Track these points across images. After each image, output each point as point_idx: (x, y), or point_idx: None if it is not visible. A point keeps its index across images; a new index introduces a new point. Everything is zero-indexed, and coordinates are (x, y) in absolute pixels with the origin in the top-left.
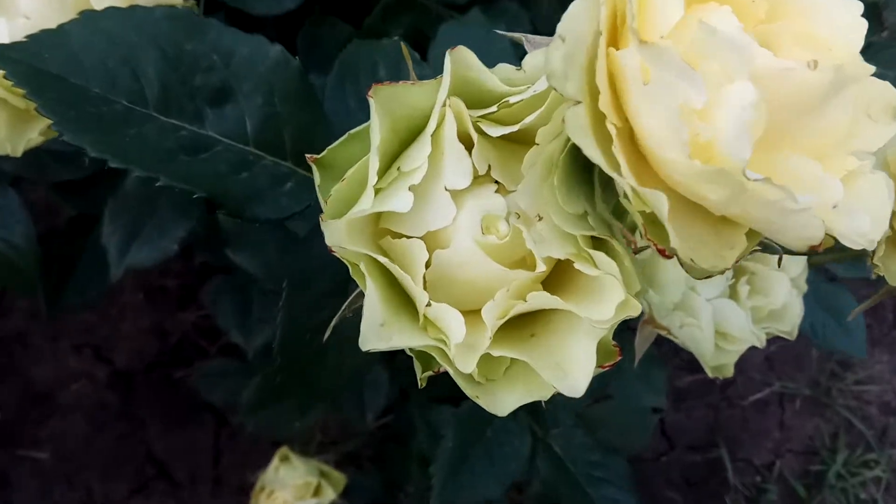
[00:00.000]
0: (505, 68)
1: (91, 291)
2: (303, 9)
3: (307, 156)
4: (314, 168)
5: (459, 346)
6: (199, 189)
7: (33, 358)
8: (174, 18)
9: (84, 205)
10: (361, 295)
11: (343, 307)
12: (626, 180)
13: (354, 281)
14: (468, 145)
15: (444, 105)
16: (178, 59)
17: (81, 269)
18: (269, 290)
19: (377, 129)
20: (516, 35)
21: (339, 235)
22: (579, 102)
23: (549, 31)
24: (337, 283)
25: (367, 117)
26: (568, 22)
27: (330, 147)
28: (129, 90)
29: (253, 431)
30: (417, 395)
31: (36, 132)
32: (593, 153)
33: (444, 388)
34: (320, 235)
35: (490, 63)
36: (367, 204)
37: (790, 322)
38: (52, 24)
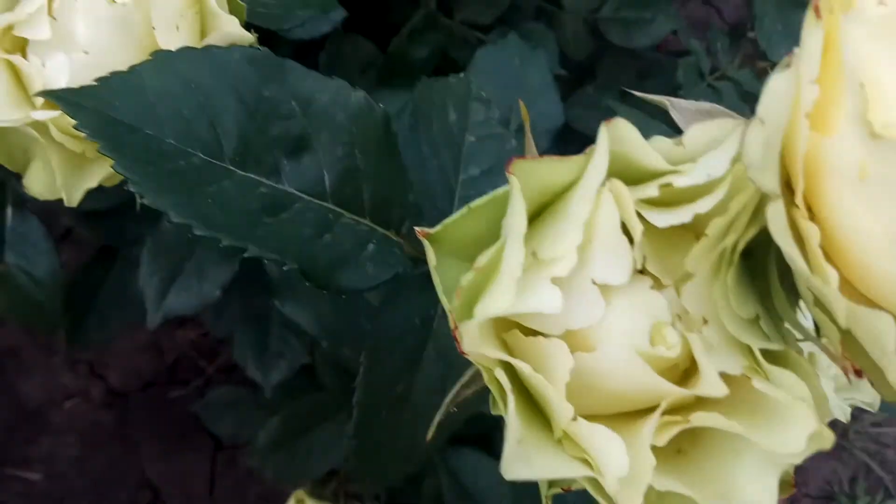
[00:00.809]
0: (661, 142)
1: (112, 326)
2: None
3: (417, 230)
4: (428, 246)
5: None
6: (289, 258)
7: (26, 374)
8: (253, 61)
9: (109, 236)
10: (466, 387)
11: (447, 400)
12: (834, 293)
13: (427, 353)
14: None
15: (601, 187)
16: (255, 106)
17: (102, 303)
18: (287, 323)
19: (520, 213)
20: (658, 98)
21: (477, 340)
22: (778, 196)
23: (574, 53)
24: (411, 356)
25: (441, 164)
26: (770, 102)
27: (446, 222)
28: (205, 141)
29: (272, 475)
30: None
31: (96, 180)
32: (796, 258)
33: (465, 427)
34: (396, 304)
35: (529, 91)
36: (505, 302)
37: (871, 392)
38: (113, 59)
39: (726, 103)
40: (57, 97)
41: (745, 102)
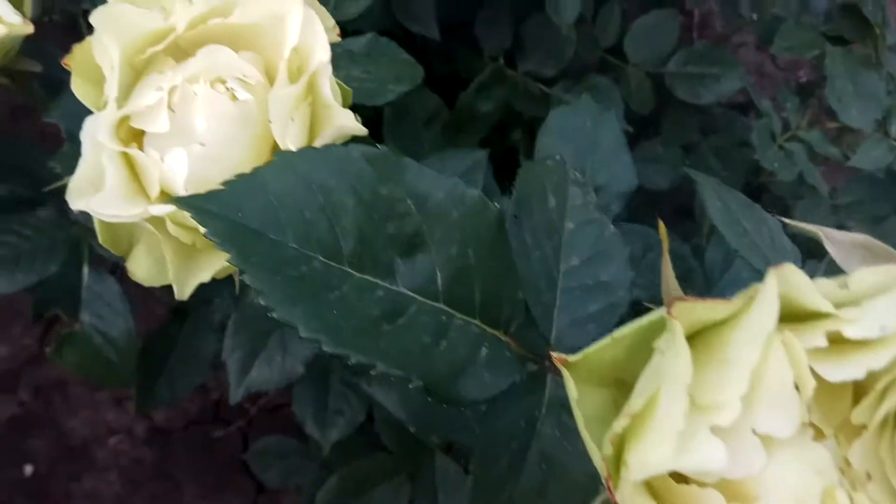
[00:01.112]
0: (824, 285)
1: (181, 388)
2: None
3: (555, 356)
4: (567, 375)
5: None
6: (413, 374)
7: (72, 409)
8: (371, 160)
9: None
10: None
11: None
12: None
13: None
14: None
15: (770, 336)
16: (372, 205)
17: (173, 365)
18: (348, 382)
19: (685, 362)
20: (812, 228)
21: (634, 498)
22: None
23: (638, 107)
24: (515, 459)
25: (543, 254)
26: None
27: (587, 352)
28: (325, 243)
29: None
30: None
31: (209, 274)
32: None
33: None
34: (504, 408)
35: (602, 153)
36: (665, 456)
37: None
38: (228, 152)
39: (798, 165)
40: (187, 203)
41: (815, 163)
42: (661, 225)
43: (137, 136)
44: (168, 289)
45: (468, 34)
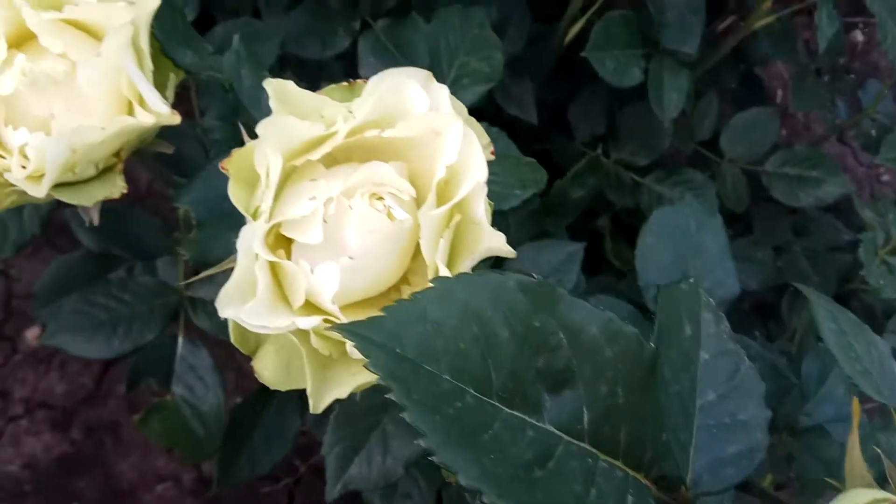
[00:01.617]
0: None
1: (263, 463)
2: None
3: None
4: None
5: None
6: None
7: (122, 452)
8: (526, 289)
9: None
10: None
11: None
12: None
13: None
14: None
15: None
16: (524, 337)
17: (256, 441)
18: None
19: None
20: None
21: None
22: None
23: (733, 204)
24: None
25: (680, 389)
26: None
27: None
28: (476, 376)
29: None
30: None
31: (348, 389)
32: None
33: None
34: None
35: (705, 258)
36: None
37: None
38: (375, 266)
39: None
40: (349, 331)
41: None
42: (856, 403)
43: (284, 243)
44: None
45: (560, 116)
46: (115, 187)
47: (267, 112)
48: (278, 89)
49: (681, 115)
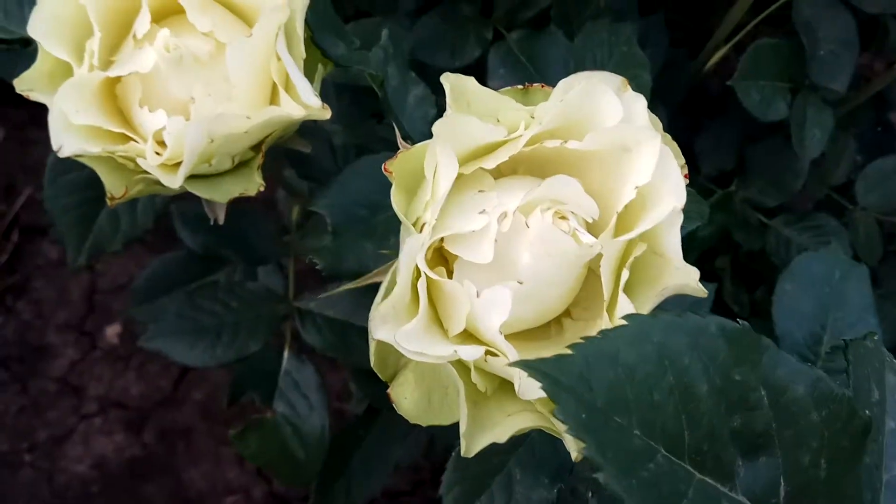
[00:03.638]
0: None
1: (359, 492)
2: None
3: None
4: None
5: None
6: None
7: (193, 459)
8: (729, 336)
9: (377, 398)
10: None
11: None
12: None
13: None
14: None
15: None
16: (722, 390)
17: (356, 466)
18: None
19: None
20: None
21: None
22: None
23: (865, 256)
24: None
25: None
26: None
27: None
28: (668, 433)
29: None
30: None
31: (507, 434)
32: None
33: None
34: None
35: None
36: None
37: None
38: (545, 292)
39: None
40: (534, 369)
41: None
42: None
43: (441, 260)
44: (364, 387)
45: (685, 148)
46: (252, 183)
47: (412, 113)
48: (456, 85)
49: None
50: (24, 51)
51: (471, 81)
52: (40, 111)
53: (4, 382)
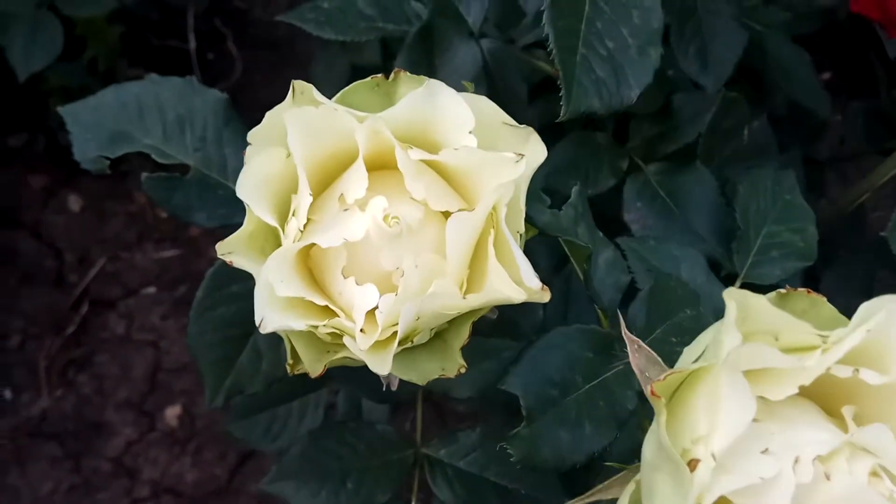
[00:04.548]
0: None
1: None
2: None
3: None
4: None
5: None
6: None
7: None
8: None
9: None
10: None
11: None
12: None
13: None
14: None
15: None
16: None
17: None
18: None
19: None
20: None
21: None
22: None
23: None
24: None
25: None
26: None
27: None
28: None
29: None
30: None
31: None
32: None
33: None
34: None
35: None
36: None
37: None
38: None
39: None
40: None
41: None
42: None
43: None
44: None
45: (809, 282)
46: (453, 363)
47: (603, 279)
48: (741, 303)
49: None
50: (182, 179)
51: (757, 298)
52: (118, 184)
53: (58, 458)
